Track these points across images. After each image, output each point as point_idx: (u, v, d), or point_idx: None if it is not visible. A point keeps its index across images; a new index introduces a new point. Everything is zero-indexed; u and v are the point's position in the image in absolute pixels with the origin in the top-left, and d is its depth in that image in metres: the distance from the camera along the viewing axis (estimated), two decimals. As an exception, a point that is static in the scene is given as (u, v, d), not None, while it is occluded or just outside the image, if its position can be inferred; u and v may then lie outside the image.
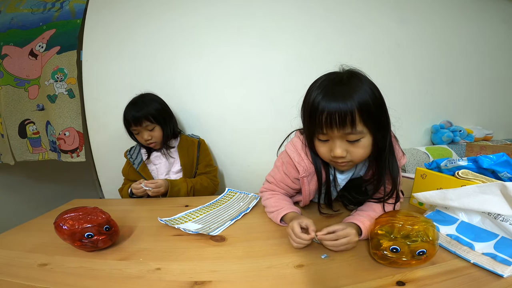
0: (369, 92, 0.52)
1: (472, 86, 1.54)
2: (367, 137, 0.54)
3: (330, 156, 0.57)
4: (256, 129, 1.31)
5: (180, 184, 1.00)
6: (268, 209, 0.70)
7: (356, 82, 0.53)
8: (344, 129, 0.52)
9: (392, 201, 0.63)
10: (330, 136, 0.55)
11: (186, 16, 1.25)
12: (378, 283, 0.43)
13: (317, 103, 0.53)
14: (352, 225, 0.56)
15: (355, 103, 0.50)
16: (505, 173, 0.56)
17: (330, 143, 0.56)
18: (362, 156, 0.57)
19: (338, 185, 0.67)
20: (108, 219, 0.58)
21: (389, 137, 0.57)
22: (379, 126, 0.54)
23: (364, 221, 0.56)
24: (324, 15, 1.30)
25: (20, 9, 1.34)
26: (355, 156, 0.56)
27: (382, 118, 0.54)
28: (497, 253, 0.45)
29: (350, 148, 0.55)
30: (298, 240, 0.52)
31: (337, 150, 0.54)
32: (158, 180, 0.95)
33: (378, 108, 0.53)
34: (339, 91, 0.52)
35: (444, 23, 1.46)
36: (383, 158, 0.58)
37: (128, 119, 1.00)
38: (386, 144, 0.57)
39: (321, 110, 0.52)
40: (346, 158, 0.56)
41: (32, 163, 1.41)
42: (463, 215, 0.55)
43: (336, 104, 0.51)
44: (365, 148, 0.55)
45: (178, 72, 1.27)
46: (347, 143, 0.55)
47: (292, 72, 1.29)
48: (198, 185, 1.05)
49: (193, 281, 0.46)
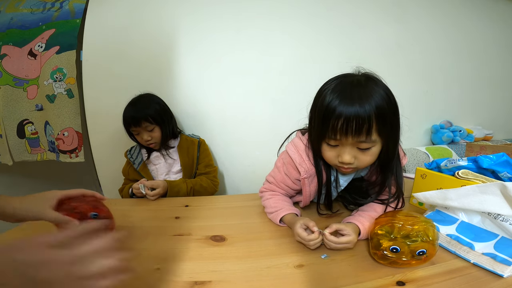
0: (386, 98, 0.51)
1: (472, 86, 1.54)
2: (377, 146, 0.54)
3: (336, 161, 0.57)
4: (256, 129, 1.31)
5: (179, 185, 1.00)
6: (267, 209, 0.70)
7: (373, 86, 0.51)
8: (359, 137, 0.51)
9: (394, 204, 0.62)
10: (341, 142, 0.54)
11: (186, 16, 1.25)
12: (378, 283, 0.43)
13: (333, 107, 0.50)
14: (352, 225, 0.56)
15: (373, 109, 0.49)
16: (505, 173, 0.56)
17: (339, 148, 0.55)
18: (369, 163, 0.57)
19: (339, 186, 0.67)
20: (96, 206, 0.55)
21: (398, 142, 0.57)
22: (391, 134, 0.54)
23: (364, 222, 0.56)
24: (324, 15, 1.30)
25: (19, 9, 1.33)
26: (362, 163, 0.56)
27: (395, 125, 0.54)
28: (497, 253, 0.45)
29: (359, 155, 0.55)
30: (312, 243, 0.52)
31: (346, 156, 0.54)
32: (157, 181, 0.95)
33: (393, 115, 0.53)
34: (357, 95, 0.50)
35: (444, 23, 1.46)
36: (391, 165, 0.58)
37: (127, 120, 1.00)
38: (396, 150, 0.57)
39: (337, 115, 0.50)
40: (353, 164, 0.56)
41: (31, 163, 1.41)
42: (463, 215, 0.55)
43: (354, 110, 0.49)
44: (374, 156, 0.55)
45: (178, 72, 1.27)
46: (357, 150, 0.54)
47: (292, 72, 1.29)
48: (198, 186, 1.04)
49: (193, 281, 0.46)
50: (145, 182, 0.92)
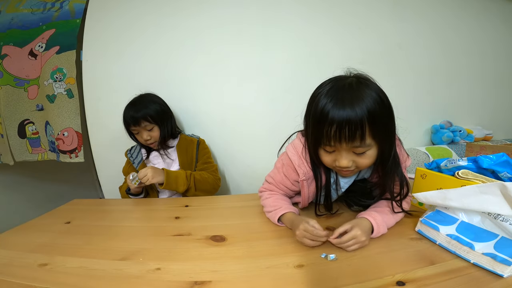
0: (378, 100, 0.50)
1: (472, 86, 1.54)
2: (373, 148, 0.54)
3: (334, 165, 0.57)
4: (256, 129, 1.31)
5: (177, 172, 0.99)
6: (266, 208, 0.69)
7: (364, 89, 0.51)
8: (353, 142, 0.51)
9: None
10: (336, 148, 0.54)
11: (186, 15, 1.25)
12: (378, 283, 0.43)
13: (325, 113, 0.50)
14: (363, 221, 0.55)
15: (365, 116, 0.48)
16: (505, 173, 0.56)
17: (336, 153, 0.55)
18: (368, 165, 0.57)
19: (340, 188, 0.66)
20: None
21: (394, 144, 0.57)
22: (386, 136, 0.54)
23: (375, 216, 0.56)
24: (325, 15, 1.30)
25: (20, 9, 1.34)
26: (361, 166, 0.56)
27: (390, 128, 0.54)
28: (497, 253, 0.45)
29: (356, 159, 0.55)
30: (317, 238, 0.52)
31: (343, 161, 0.54)
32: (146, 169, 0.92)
33: (386, 117, 0.53)
34: (348, 100, 0.49)
35: (444, 23, 1.45)
36: (389, 164, 0.58)
37: (127, 119, 1.01)
38: (392, 152, 0.57)
39: (330, 122, 0.50)
40: (352, 167, 0.56)
41: (32, 163, 1.41)
42: (463, 215, 0.55)
43: (346, 115, 0.48)
44: (371, 158, 0.55)
45: (178, 72, 1.27)
46: (353, 154, 0.54)
47: (292, 72, 1.29)
48: (198, 175, 1.02)
49: (193, 281, 0.46)
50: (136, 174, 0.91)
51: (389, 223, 0.58)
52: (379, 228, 0.55)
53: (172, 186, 0.95)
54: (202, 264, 0.51)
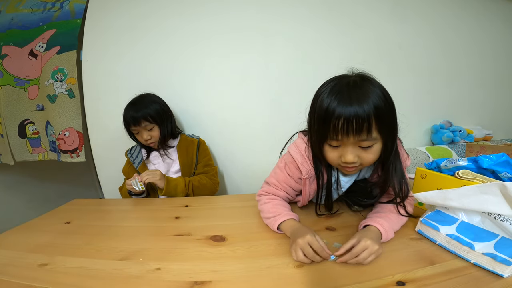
0: (382, 97, 0.51)
1: (472, 86, 1.54)
2: (378, 143, 0.54)
3: (339, 161, 0.56)
4: (256, 129, 1.31)
5: (177, 179, 1.00)
6: (264, 214, 0.66)
7: (369, 86, 0.52)
8: (360, 135, 0.51)
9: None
10: (343, 142, 0.54)
11: (186, 16, 1.25)
12: (378, 283, 0.43)
13: (332, 109, 0.50)
14: (369, 230, 0.54)
15: (371, 109, 0.49)
16: (505, 173, 0.56)
17: (341, 148, 0.55)
18: (373, 161, 0.57)
19: (340, 188, 0.66)
20: None
21: (396, 140, 0.57)
22: (390, 131, 0.54)
23: (382, 222, 0.55)
24: (325, 15, 1.30)
25: (20, 9, 1.34)
26: (365, 161, 0.56)
27: (393, 123, 0.54)
28: (497, 253, 0.45)
29: (362, 154, 0.55)
30: (319, 253, 0.49)
31: (349, 156, 0.54)
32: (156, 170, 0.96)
33: (390, 112, 0.53)
34: (355, 96, 0.50)
35: (444, 23, 1.46)
36: (389, 161, 0.58)
37: (127, 119, 1.01)
38: (393, 148, 0.57)
39: (337, 116, 0.50)
40: (356, 163, 0.56)
41: (32, 163, 1.41)
42: (463, 215, 0.55)
43: (354, 110, 0.49)
44: (376, 154, 0.55)
45: (178, 72, 1.27)
46: (359, 148, 0.54)
47: (292, 72, 1.29)
48: (196, 182, 1.03)
49: (193, 281, 0.46)
50: (137, 177, 0.92)
51: (395, 227, 0.58)
52: (387, 234, 0.55)
53: (171, 193, 0.97)
54: (202, 264, 0.51)
